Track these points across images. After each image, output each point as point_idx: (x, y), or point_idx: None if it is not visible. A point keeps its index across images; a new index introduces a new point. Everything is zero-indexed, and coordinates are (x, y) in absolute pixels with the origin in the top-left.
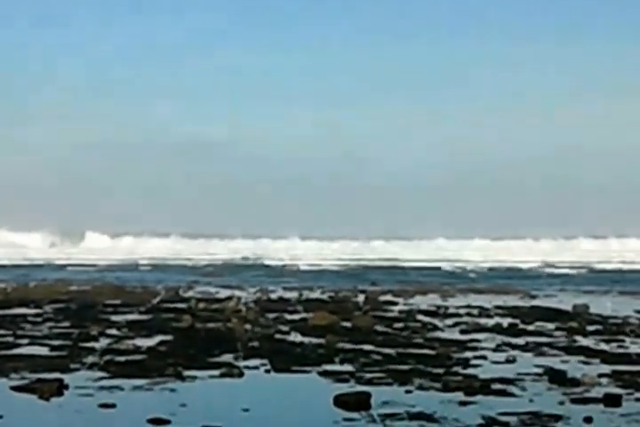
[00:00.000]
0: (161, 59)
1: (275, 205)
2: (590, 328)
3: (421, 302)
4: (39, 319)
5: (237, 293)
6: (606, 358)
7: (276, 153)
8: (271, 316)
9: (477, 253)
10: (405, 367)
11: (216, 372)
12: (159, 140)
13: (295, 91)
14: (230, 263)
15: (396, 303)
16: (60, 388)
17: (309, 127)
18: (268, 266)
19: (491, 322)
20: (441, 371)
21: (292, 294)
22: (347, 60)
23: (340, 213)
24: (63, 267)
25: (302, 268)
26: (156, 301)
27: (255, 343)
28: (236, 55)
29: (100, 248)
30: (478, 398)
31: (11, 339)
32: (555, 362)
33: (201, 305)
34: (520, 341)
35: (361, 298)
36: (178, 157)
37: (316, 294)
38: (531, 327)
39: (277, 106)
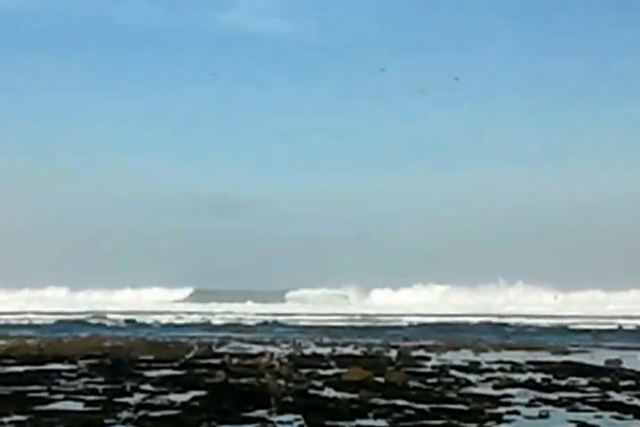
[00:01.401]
0: (196, 119)
1: (304, 261)
2: (623, 383)
3: (454, 357)
4: (73, 375)
5: (270, 348)
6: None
7: (305, 211)
8: (304, 371)
9: (509, 307)
10: (439, 423)
11: None
12: (191, 196)
13: (324, 152)
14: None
15: (428, 359)
16: None
17: (337, 186)
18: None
19: (523, 377)
20: (474, 426)
21: (325, 350)
22: (369, 124)
23: (371, 269)
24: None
25: (336, 324)
26: (189, 356)
27: (289, 399)
28: (272, 118)
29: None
30: None
31: (45, 394)
32: (588, 417)
33: (234, 361)
34: (553, 396)
35: (393, 353)
36: (209, 214)
37: (348, 350)
38: (563, 383)
39: (307, 166)
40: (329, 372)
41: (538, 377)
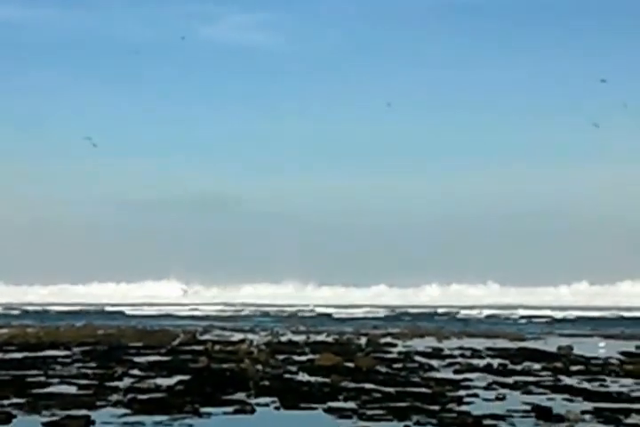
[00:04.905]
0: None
1: (283, 254)
2: (574, 368)
3: (419, 344)
4: (68, 360)
5: (250, 336)
6: (589, 396)
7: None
8: (281, 357)
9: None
10: (404, 405)
11: (230, 409)
12: (175, 196)
13: (299, 154)
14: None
15: (395, 345)
16: (87, 424)
17: (314, 186)
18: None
19: (482, 363)
20: (437, 408)
21: (300, 337)
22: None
23: (340, 262)
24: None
25: (309, 314)
26: (175, 343)
27: (266, 382)
28: (247, 120)
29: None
30: None
31: (42, 378)
32: (541, 400)
33: (216, 347)
34: (509, 380)
35: (363, 340)
36: (189, 212)
37: (321, 337)
38: (519, 367)
39: (281, 167)
40: (303, 358)
41: (495, 362)
